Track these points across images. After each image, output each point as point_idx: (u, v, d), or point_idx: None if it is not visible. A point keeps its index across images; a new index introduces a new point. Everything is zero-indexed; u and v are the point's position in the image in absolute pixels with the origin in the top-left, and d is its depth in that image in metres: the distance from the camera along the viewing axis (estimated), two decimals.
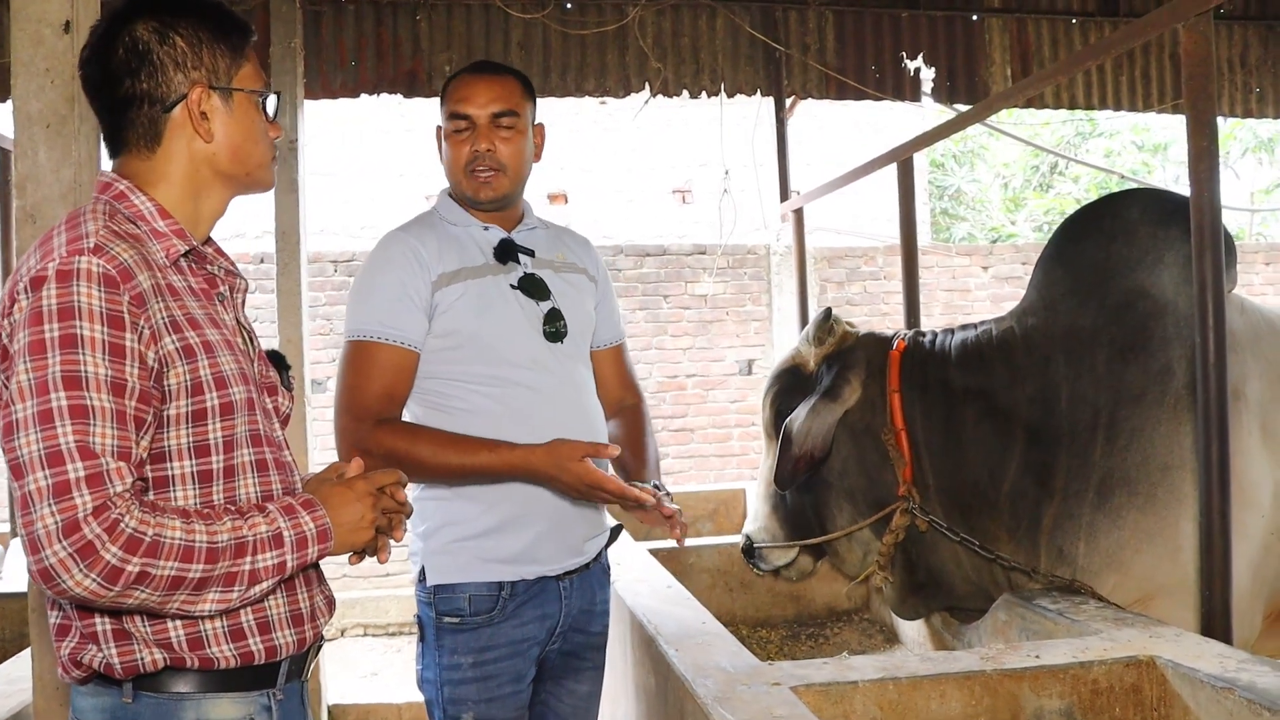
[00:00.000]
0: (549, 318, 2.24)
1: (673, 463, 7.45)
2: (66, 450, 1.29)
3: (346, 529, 1.53)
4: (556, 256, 2.35)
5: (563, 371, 2.25)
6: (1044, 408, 2.85)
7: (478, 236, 2.28)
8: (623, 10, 5.79)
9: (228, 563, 1.38)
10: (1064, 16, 6.35)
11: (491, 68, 2.31)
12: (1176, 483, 2.67)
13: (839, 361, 3.07)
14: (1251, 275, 8.27)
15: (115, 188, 1.51)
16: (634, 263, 7.50)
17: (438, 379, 2.22)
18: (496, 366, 2.19)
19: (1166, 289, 2.81)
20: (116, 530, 1.29)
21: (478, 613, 2.17)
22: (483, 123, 2.21)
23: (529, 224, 2.36)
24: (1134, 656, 2.20)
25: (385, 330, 2.16)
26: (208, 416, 1.45)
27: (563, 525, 2.22)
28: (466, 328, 2.18)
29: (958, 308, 7.80)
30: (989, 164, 15.77)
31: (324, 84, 5.56)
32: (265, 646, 1.50)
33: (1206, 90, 2.48)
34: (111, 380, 1.33)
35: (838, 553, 3.15)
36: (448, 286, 2.19)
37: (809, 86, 6.08)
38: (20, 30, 2.03)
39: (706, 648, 2.43)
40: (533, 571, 2.20)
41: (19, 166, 2.04)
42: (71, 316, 1.33)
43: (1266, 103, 6.63)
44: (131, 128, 1.52)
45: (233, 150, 1.56)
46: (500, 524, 2.17)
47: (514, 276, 2.25)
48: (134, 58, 1.49)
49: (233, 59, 1.56)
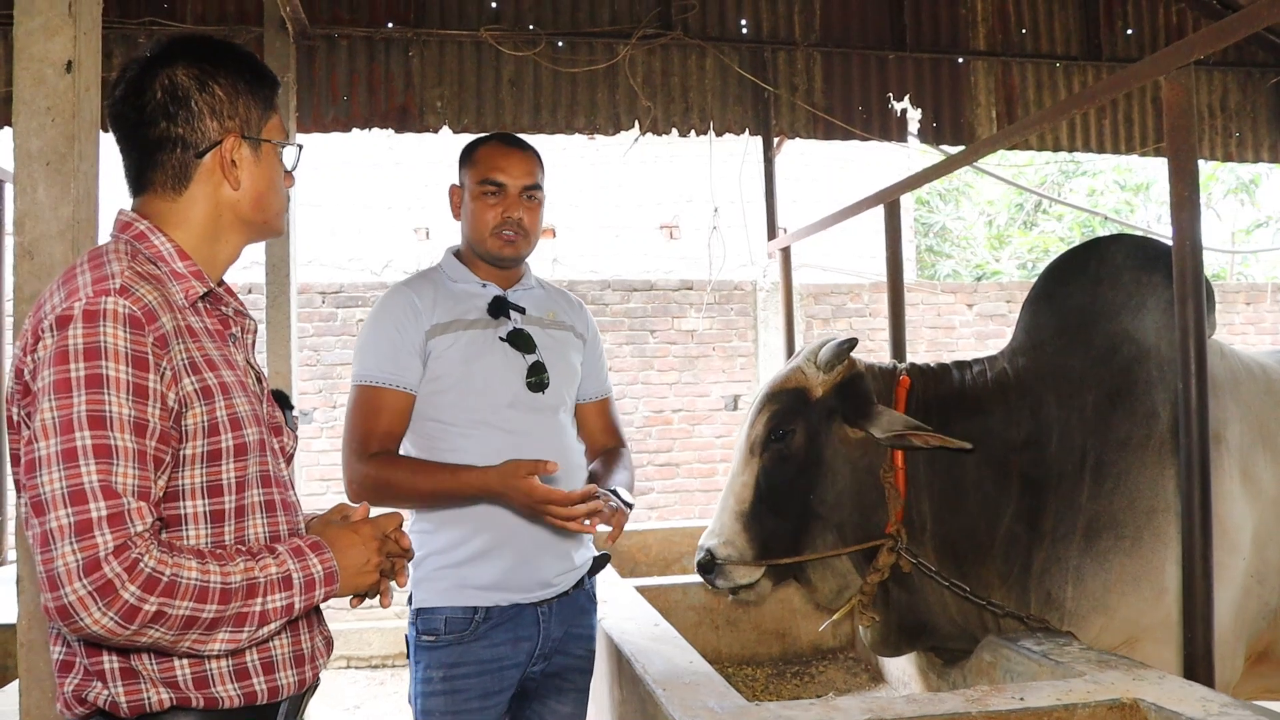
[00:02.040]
0: (533, 369, 2.44)
1: (658, 497, 7.46)
2: (90, 489, 1.30)
3: (352, 572, 1.56)
4: (547, 315, 2.55)
5: (543, 418, 2.45)
6: (1036, 451, 2.87)
7: (475, 292, 2.49)
8: (613, 49, 5.86)
9: (239, 603, 1.40)
10: (1048, 59, 6.46)
11: (520, 143, 2.52)
12: (1161, 526, 2.69)
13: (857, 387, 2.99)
14: (1233, 315, 8.36)
15: (136, 227, 1.53)
16: (621, 297, 7.53)
17: (428, 420, 2.41)
18: (479, 411, 2.39)
19: (1150, 334, 2.85)
20: (136, 569, 1.30)
21: (451, 632, 2.36)
22: (514, 192, 2.44)
23: (526, 284, 2.56)
24: (1117, 699, 2.21)
25: (385, 375, 2.38)
26: (222, 457, 1.48)
27: (532, 559, 2.40)
28: (453, 373, 2.39)
29: (942, 345, 7.85)
30: (974, 202, 15.92)
31: (316, 118, 5.61)
32: (269, 686, 1.52)
33: (1188, 140, 2.53)
34: (134, 421, 1.35)
35: (810, 580, 3.06)
36: (440, 336, 2.40)
37: (797, 126, 6.16)
38: (23, 69, 2.06)
39: (694, 687, 2.44)
40: (506, 599, 2.38)
41: (18, 203, 2.06)
42: (97, 356, 1.34)
43: (1246, 147, 6.75)
44: (160, 169, 1.54)
45: (256, 198, 1.60)
46: (475, 555, 2.37)
47: (504, 330, 2.46)
48: (172, 101, 1.52)
49: (263, 110, 1.61)
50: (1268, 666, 2.96)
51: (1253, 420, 2.88)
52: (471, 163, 2.49)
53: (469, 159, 2.51)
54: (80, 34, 2.10)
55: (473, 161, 2.49)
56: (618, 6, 5.94)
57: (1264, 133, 6.77)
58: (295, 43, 5.36)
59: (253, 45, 5.38)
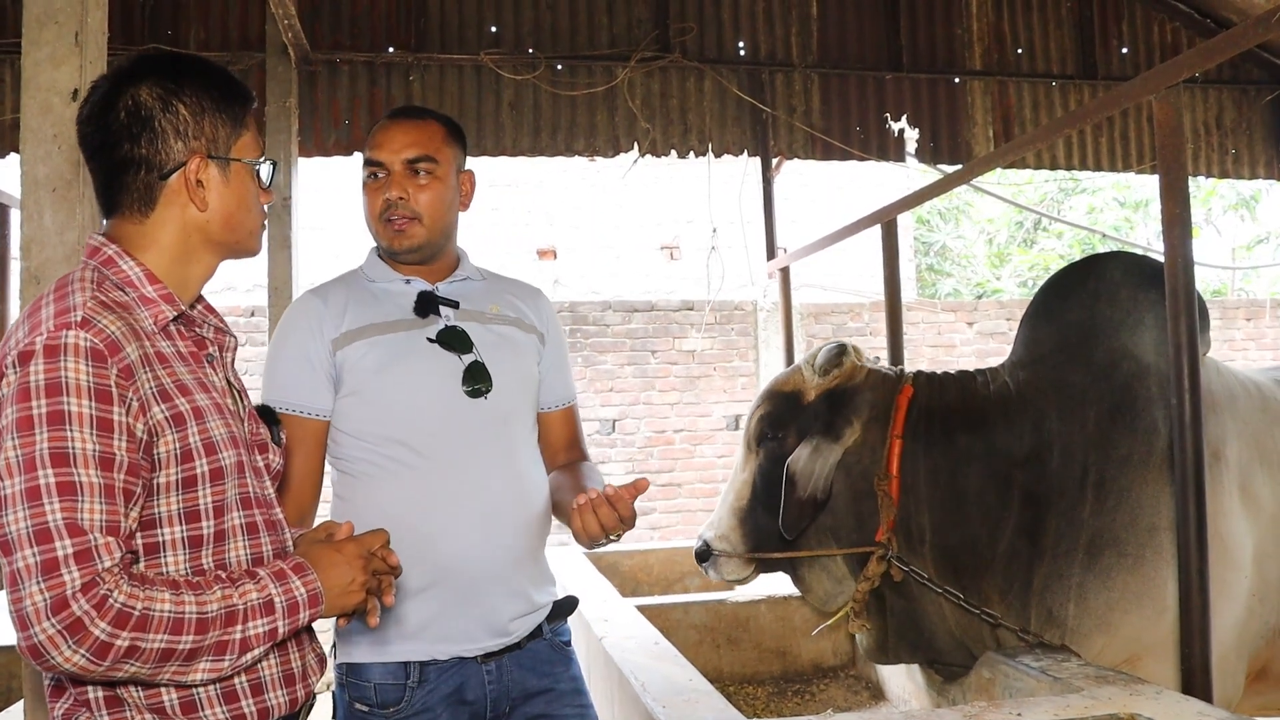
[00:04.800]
0: (470, 372, 2.04)
1: (660, 517, 7.46)
2: (54, 527, 1.28)
3: (337, 592, 1.52)
4: (490, 308, 2.15)
5: (487, 432, 2.04)
6: (1038, 466, 2.87)
7: (396, 291, 2.12)
8: (612, 72, 5.91)
9: (218, 632, 1.37)
10: (1044, 79, 6.51)
11: (411, 112, 2.15)
12: (1163, 544, 2.69)
13: (842, 399, 3.05)
14: (1233, 330, 8.38)
15: (104, 253, 1.49)
16: (622, 318, 7.56)
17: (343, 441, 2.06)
18: (397, 427, 2.00)
19: (1148, 351, 2.86)
20: (105, 606, 1.28)
21: (384, 705, 1.97)
22: (397, 169, 2.07)
23: (460, 275, 2.17)
24: (1115, 715, 2.22)
25: (289, 400, 2.03)
26: (198, 483, 1.44)
27: (473, 598, 1.99)
28: (367, 386, 2.01)
29: (943, 363, 7.87)
30: (974, 220, 15.97)
31: (318, 142, 5.66)
32: (258, 708, 1.49)
33: (1179, 159, 2.56)
34: (99, 455, 1.32)
35: (804, 579, 3.12)
36: (351, 344, 2.03)
37: (795, 147, 6.21)
38: (30, 98, 2.09)
39: (694, 705, 2.44)
40: (443, 651, 1.99)
41: (25, 229, 2.09)
42: (59, 393, 1.32)
43: (1242, 163, 6.79)
44: (125, 191, 1.50)
45: (225, 219, 1.55)
46: (401, 597, 1.93)
47: (432, 330, 2.06)
48: (135, 122, 1.47)
49: (233, 128, 1.55)
50: (1265, 684, 2.95)
51: (1250, 438, 2.89)
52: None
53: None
54: (86, 63, 2.13)
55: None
56: (616, 30, 6.00)
57: (1260, 150, 6.80)
58: (297, 68, 5.42)
59: (255, 71, 5.45)
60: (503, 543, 2.01)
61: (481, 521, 1.99)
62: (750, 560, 3.16)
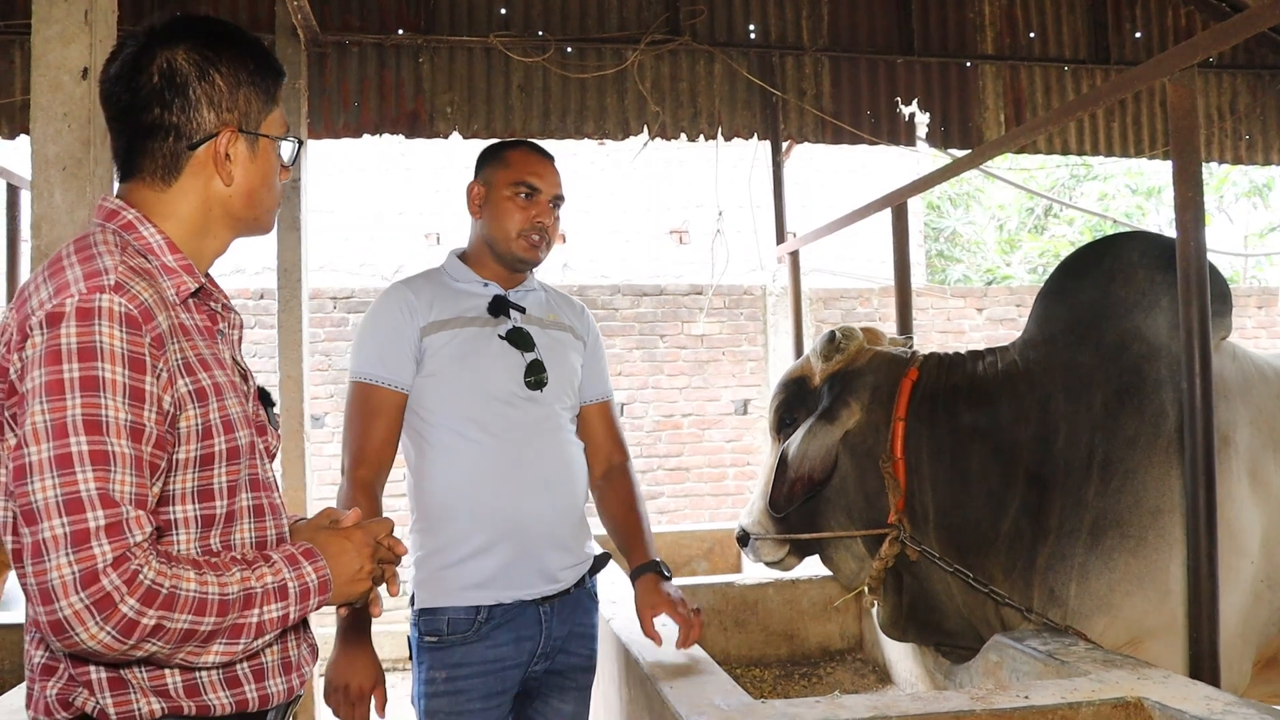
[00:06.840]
0: (531, 368, 2.45)
1: (668, 501, 7.47)
2: (87, 497, 1.23)
3: (344, 580, 1.51)
4: (548, 316, 2.57)
5: (542, 417, 2.45)
6: (1043, 447, 2.88)
7: (476, 292, 2.50)
8: (622, 54, 5.90)
9: (235, 614, 1.34)
10: (1055, 63, 6.47)
11: (548, 154, 2.55)
12: (1167, 526, 2.68)
13: (843, 382, 3.13)
14: (1245, 319, 8.33)
15: (123, 216, 1.44)
16: (631, 302, 7.56)
17: (422, 418, 2.42)
18: (473, 408, 2.39)
19: (1161, 332, 2.85)
20: (135, 581, 1.24)
21: (454, 633, 2.36)
22: (545, 199, 2.48)
23: (528, 286, 2.57)
24: (1122, 698, 2.22)
25: (378, 373, 2.39)
26: (215, 461, 1.41)
27: (534, 552, 2.40)
28: (448, 370, 2.39)
29: (951, 349, 7.82)
30: (984, 206, 15.91)
31: (327, 124, 5.66)
32: (259, 694, 1.47)
33: (1192, 142, 2.55)
34: (131, 425, 1.28)
35: (831, 559, 3.23)
36: (437, 333, 2.41)
37: (805, 131, 6.19)
38: (40, 76, 2.09)
39: (701, 685, 2.45)
40: (508, 596, 2.38)
41: (35, 207, 2.09)
42: (93, 358, 1.26)
43: (1256, 149, 6.74)
44: (149, 156, 1.45)
45: (248, 194, 1.51)
46: (476, 551, 2.36)
47: (503, 328, 2.46)
48: (169, 87, 1.43)
49: (264, 103, 1.52)
50: (1275, 672, 2.94)
51: (1263, 424, 2.87)
52: (504, 163, 2.49)
53: (500, 159, 2.50)
54: (96, 41, 2.13)
55: (505, 162, 2.49)
56: (626, 12, 5.98)
57: (1274, 135, 6.75)
58: (306, 49, 5.41)
59: None
60: (556, 505, 2.43)
61: (540, 489, 2.41)
62: (782, 543, 3.27)
